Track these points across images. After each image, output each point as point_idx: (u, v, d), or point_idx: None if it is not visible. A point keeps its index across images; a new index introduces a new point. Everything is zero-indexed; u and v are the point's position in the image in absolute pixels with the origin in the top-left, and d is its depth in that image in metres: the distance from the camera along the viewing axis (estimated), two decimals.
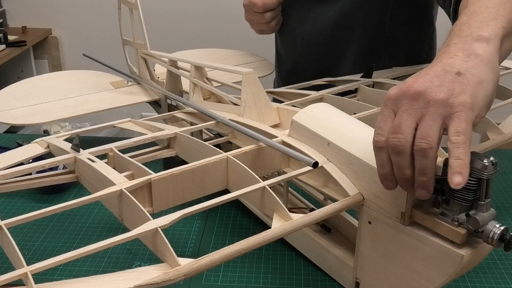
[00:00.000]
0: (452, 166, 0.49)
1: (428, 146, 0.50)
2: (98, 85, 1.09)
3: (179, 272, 0.50)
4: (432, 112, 0.51)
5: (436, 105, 0.51)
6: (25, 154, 0.72)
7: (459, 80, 0.52)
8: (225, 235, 0.82)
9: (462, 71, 0.53)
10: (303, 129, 0.69)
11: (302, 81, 1.08)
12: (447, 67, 0.54)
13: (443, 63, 0.55)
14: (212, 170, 0.65)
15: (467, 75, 0.53)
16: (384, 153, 0.53)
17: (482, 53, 0.55)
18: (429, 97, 0.51)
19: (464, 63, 0.54)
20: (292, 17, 1.17)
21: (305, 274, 0.73)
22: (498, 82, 0.56)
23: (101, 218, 0.86)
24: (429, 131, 0.50)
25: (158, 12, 2.54)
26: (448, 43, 0.58)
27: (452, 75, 0.53)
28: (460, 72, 0.53)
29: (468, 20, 0.60)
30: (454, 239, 0.55)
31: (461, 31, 0.59)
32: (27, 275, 0.47)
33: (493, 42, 0.57)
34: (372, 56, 1.14)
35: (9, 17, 2.71)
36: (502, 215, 0.88)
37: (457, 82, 0.52)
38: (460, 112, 0.50)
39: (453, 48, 0.56)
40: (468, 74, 0.53)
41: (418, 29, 1.17)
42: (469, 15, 0.61)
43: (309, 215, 0.59)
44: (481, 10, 0.61)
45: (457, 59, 0.55)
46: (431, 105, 0.51)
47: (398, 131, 0.52)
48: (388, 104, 0.54)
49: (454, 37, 0.58)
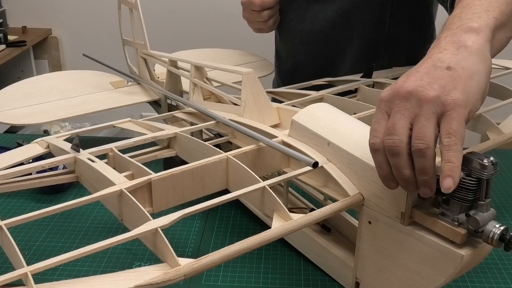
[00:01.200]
0: (443, 170, 0.49)
1: (425, 146, 0.50)
2: (98, 85, 1.09)
3: (179, 272, 0.50)
4: (425, 111, 0.51)
5: (429, 104, 0.51)
6: (25, 154, 0.72)
7: (450, 75, 0.52)
8: (225, 235, 0.82)
9: (452, 65, 0.53)
10: (303, 129, 0.69)
11: (302, 80, 1.08)
12: (436, 63, 0.54)
13: (433, 58, 0.54)
14: (212, 170, 0.65)
15: (457, 69, 0.53)
16: (381, 154, 0.53)
17: (471, 44, 0.55)
18: (420, 96, 0.51)
19: (454, 57, 0.54)
20: (290, 16, 1.17)
21: (305, 274, 0.73)
22: (490, 72, 0.56)
23: (101, 218, 0.86)
24: (425, 131, 0.50)
25: (158, 12, 2.54)
26: (439, 37, 0.58)
27: (442, 70, 0.53)
28: (450, 67, 0.53)
29: (460, 14, 0.60)
30: (454, 239, 0.55)
31: (452, 24, 0.59)
32: (27, 275, 0.47)
33: (483, 32, 0.57)
34: (372, 55, 1.14)
35: (9, 17, 2.71)
36: (502, 215, 0.88)
37: (448, 77, 0.52)
38: (451, 111, 0.50)
39: (443, 42, 0.56)
40: (458, 68, 0.53)
41: (418, 28, 1.16)
42: (461, 8, 0.61)
43: (309, 215, 0.59)
44: (474, 3, 0.61)
45: (447, 53, 0.54)
46: (424, 104, 0.51)
47: (392, 132, 0.52)
48: (381, 106, 0.54)
49: (445, 30, 0.58)
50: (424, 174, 0.51)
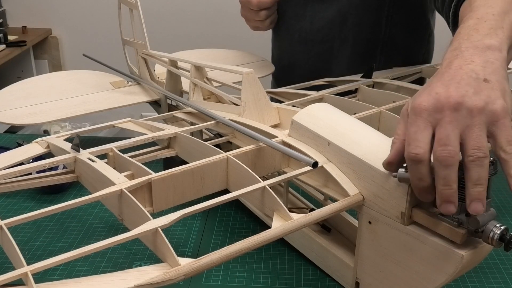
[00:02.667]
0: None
1: (484, 155, 0.50)
2: (98, 85, 1.09)
3: (179, 272, 0.50)
4: (478, 121, 0.51)
5: (480, 114, 0.51)
6: (25, 154, 0.72)
7: (490, 86, 0.53)
8: (225, 235, 0.82)
9: (487, 77, 0.53)
10: (303, 129, 0.69)
11: (296, 79, 1.08)
12: (472, 74, 0.54)
13: (465, 70, 0.54)
14: (212, 170, 0.65)
15: (493, 82, 0.53)
16: (424, 166, 0.52)
17: (495, 61, 0.56)
18: (471, 107, 0.51)
19: (485, 70, 0.54)
20: (289, 14, 1.18)
21: (305, 274, 0.73)
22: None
23: (101, 218, 0.86)
24: (481, 140, 0.50)
25: (158, 12, 2.54)
26: (458, 46, 0.58)
27: (481, 82, 0.53)
28: (487, 79, 0.53)
29: (476, 26, 0.60)
30: (454, 239, 0.55)
31: (470, 36, 0.59)
32: (27, 275, 0.47)
33: (504, 51, 0.57)
34: (368, 57, 1.14)
35: (9, 17, 2.71)
36: (502, 215, 0.88)
37: (489, 89, 0.52)
38: (504, 120, 0.51)
39: (467, 53, 0.56)
40: (494, 80, 0.53)
41: (414, 31, 1.17)
42: (476, 20, 0.61)
43: (309, 215, 0.59)
44: (488, 17, 0.61)
45: (476, 65, 0.54)
46: (475, 115, 0.51)
47: (447, 143, 0.51)
48: (423, 115, 0.53)
49: (464, 41, 0.58)
50: (480, 185, 0.50)
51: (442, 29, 0.81)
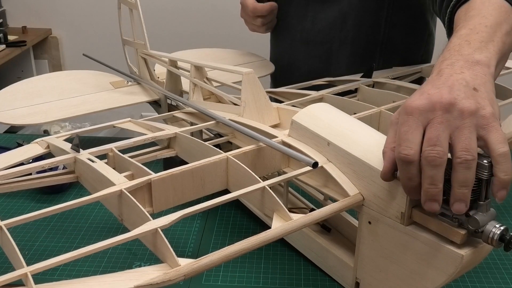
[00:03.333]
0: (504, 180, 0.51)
1: (472, 157, 0.50)
2: (98, 85, 1.09)
3: (179, 272, 0.50)
4: (468, 124, 0.51)
5: (471, 117, 0.51)
6: (25, 154, 0.72)
7: (479, 95, 0.53)
8: (225, 235, 0.82)
9: (477, 87, 0.54)
10: (303, 129, 0.69)
11: (295, 79, 1.08)
12: (462, 82, 0.54)
13: (456, 77, 0.55)
14: (212, 170, 0.65)
15: (482, 91, 0.54)
16: (414, 166, 0.52)
17: (483, 76, 0.56)
18: (462, 108, 0.52)
19: (474, 80, 0.55)
20: (290, 14, 1.18)
21: (305, 274, 0.73)
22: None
23: (101, 218, 0.86)
24: (470, 142, 0.51)
25: (158, 12, 2.54)
26: (449, 57, 0.59)
27: (471, 89, 0.54)
28: (476, 88, 0.54)
29: (468, 37, 0.61)
30: (454, 239, 0.55)
31: (461, 48, 0.59)
32: (27, 275, 0.47)
33: (492, 67, 0.58)
34: (367, 57, 1.14)
35: (9, 17, 2.71)
36: (502, 215, 0.88)
37: (478, 96, 0.53)
38: (494, 124, 0.52)
39: (457, 65, 0.57)
40: (483, 90, 0.54)
41: (413, 32, 1.17)
42: (468, 30, 0.62)
43: (309, 215, 0.59)
44: (481, 28, 0.62)
45: (466, 76, 0.55)
46: (466, 117, 0.51)
47: (437, 143, 0.51)
48: (415, 115, 0.53)
49: (455, 53, 0.59)
50: (466, 187, 0.51)
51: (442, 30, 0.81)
